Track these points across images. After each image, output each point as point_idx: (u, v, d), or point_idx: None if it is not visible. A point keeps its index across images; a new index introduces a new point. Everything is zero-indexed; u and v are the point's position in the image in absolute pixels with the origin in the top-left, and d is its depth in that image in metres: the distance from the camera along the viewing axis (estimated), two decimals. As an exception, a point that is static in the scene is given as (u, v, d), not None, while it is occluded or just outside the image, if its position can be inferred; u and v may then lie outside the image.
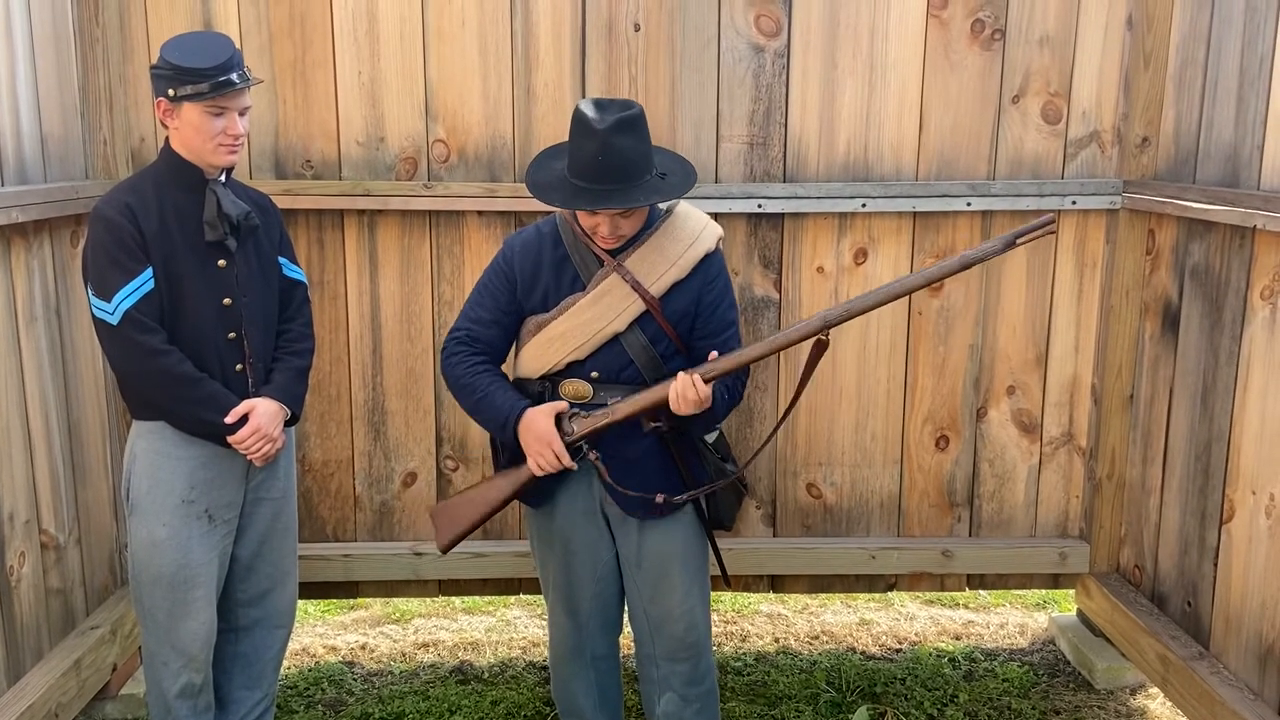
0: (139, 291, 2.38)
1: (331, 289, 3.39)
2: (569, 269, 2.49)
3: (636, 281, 2.42)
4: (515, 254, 2.53)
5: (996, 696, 3.39)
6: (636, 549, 2.56)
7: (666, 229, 2.48)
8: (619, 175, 2.31)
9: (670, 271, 2.44)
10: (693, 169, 2.50)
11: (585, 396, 2.47)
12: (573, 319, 2.44)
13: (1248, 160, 2.82)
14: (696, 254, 2.47)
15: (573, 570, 2.61)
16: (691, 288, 2.47)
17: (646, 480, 2.50)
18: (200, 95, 2.36)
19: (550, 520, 2.60)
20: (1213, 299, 2.99)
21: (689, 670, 2.62)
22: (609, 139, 2.29)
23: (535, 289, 2.50)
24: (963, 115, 3.36)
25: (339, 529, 3.54)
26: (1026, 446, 3.57)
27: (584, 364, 2.47)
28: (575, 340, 2.44)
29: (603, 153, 2.29)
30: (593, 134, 2.30)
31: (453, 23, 3.27)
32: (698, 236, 2.49)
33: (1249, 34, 2.83)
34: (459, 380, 2.51)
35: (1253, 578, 2.80)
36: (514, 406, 2.44)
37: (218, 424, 2.47)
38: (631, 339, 2.45)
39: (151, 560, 2.50)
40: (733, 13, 3.27)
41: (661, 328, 2.46)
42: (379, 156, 3.32)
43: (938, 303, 3.46)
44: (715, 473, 2.58)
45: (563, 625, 2.68)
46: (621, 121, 2.30)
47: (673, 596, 2.56)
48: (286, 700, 3.33)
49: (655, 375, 2.46)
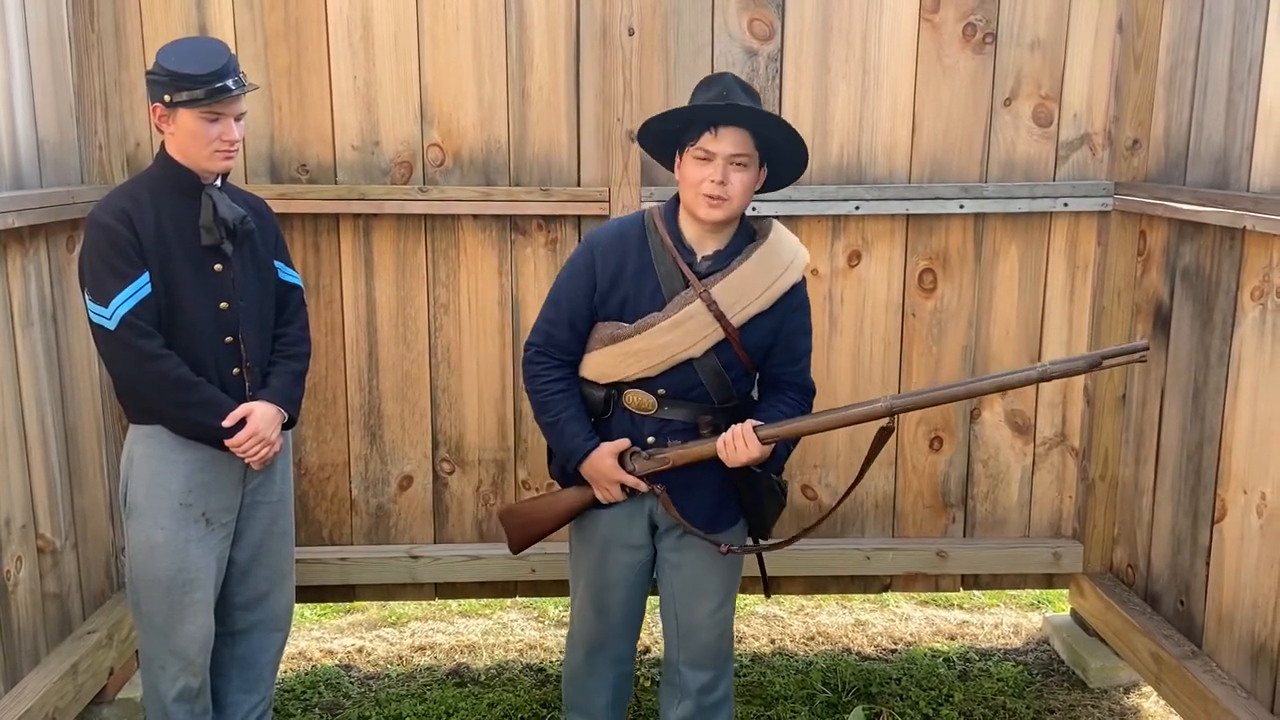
0: (136, 296, 2.39)
1: (327, 293, 3.40)
2: (651, 279, 2.43)
3: (720, 312, 2.38)
4: (598, 253, 2.46)
5: (991, 696, 3.40)
6: (678, 552, 2.57)
7: (759, 258, 2.42)
8: (747, 99, 2.35)
9: (755, 303, 2.40)
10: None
11: (649, 409, 2.47)
12: (649, 340, 2.40)
13: (1237, 162, 2.84)
14: (784, 286, 2.42)
15: (609, 570, 2.61)
16: (774, 318, 2.44)
17: (705, 499, 2.51)
18: (196, 101, 2.37)
19: (596, 519, 2.59)
20: (1203, 300, 3.01)
21: (709, 679, 2.62)
22: (732, 79, 2.38)
23: (614, 294, 2.44)
24: (955, 118, 3.38)
25: (335, 532, 3.54)
26: (1020, 447, 3.59)
27: (653, 380, 2.45)
28: (649, 360, 2.41)
29: (729, 85, 2.36)
30: (717, 78, 2.39)
31: (447, 27, 3.28)
32: (787, 268, 2.43)
33: (1238, 37, 2.85)
34: (535, 395, 2.53)
35: (1244, 576, 2.81)
36: (582, 445, 2.46)
37: (215, 428, 2.48)
38: (705, 363, 2.42)
39: (149, 564, 2.50)
40: (726, 17, 3.29)
41: (737, 355, 2.44)
42: (374, 160, 3.33)
43: (931, 304, 3.48)
44: (768, 491, 2.53)
45: (590, 621, 2.68)
46: (742, 81, 2.40)
47: (707, 604, 2.57)
48: (284, 704, 3.33)
49: (723, 396, 2.47)
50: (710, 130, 2.31)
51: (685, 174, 2.37)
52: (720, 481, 2.51)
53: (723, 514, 2.55)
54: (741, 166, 2.33)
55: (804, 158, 2.43)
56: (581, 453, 2.47)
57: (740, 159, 2.32)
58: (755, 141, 2.35)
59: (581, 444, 2.47)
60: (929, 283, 3.47)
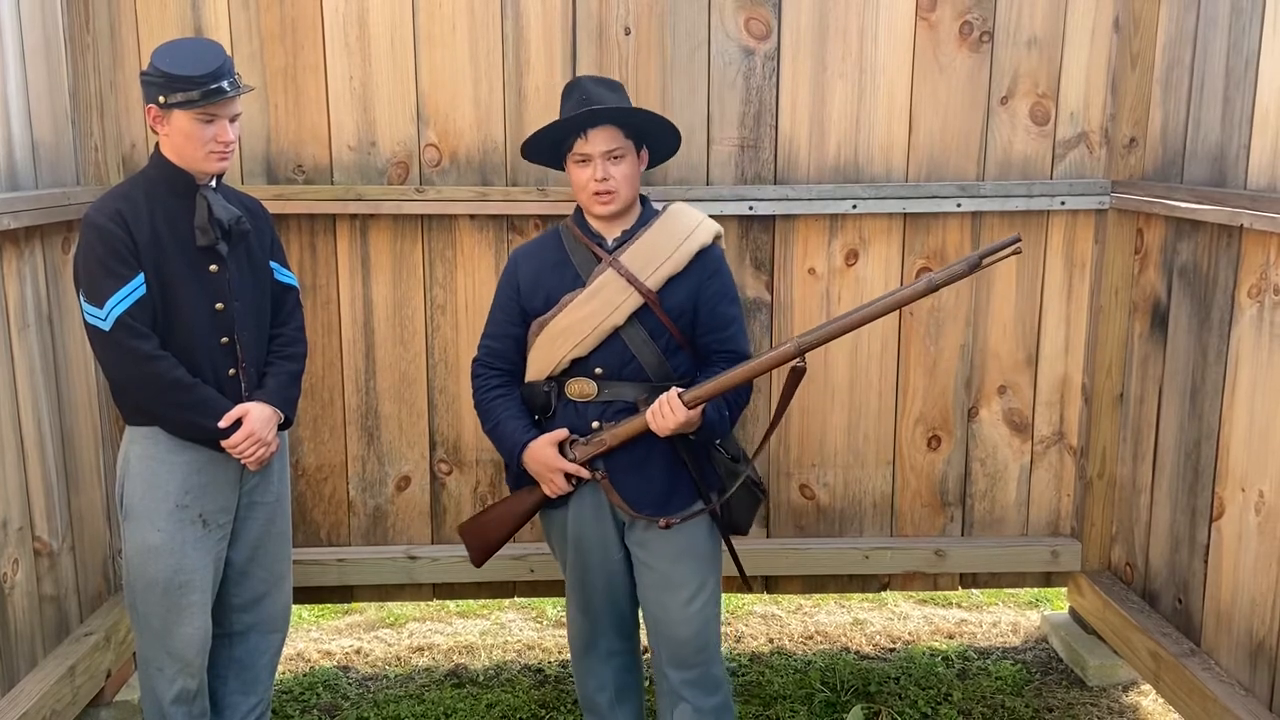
0: (131, 297, 2.39)
1: (324, 294, 3.39)
2: (569, 269, 2.55)
3: (631, 275, 2.47)
4: (519, 262, 2.62)
5: (990, 695, 3.41)
6: (644, 548, 2.57)
7: (661, 224, 2.54)
8: (604, 98, 2.47)
9: (665, 265, 2.49)
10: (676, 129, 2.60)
11: (591, 395, 2.51)
12: (571, 314, 2.49)
13: (1234, 160, 2.84)
14: (692, 247, 2.52)
15: (584, 568, 2.63)
16: (689, 281, 2.52)
17: (653, 480, 2.53)
18: (191, 103, 2.36)
19: (562, 519, 2.63)
20: (1201, 298, 3.01)
21: (698, 679, 2.60)
22: (588, 81, 2.51)
23: (537, 292, 2.56)
24: (952, 117, 3.38)
25: (333, 533, 3.54)
26: (1018, 446, 3.59)
27: (587, 360, 2.50)
28: (575, 336, 2.48)
29: (587, 90, 2.48)
30: (576, 82, 2.53)
31: (443, 27, 3.27)
32: (693, 230, 2.54)
33: (1234, 35, 2.85)
34: (478, 405, 2.64)
35: (1243, 574, 2.81)
36: (519, 439, 2.53)
37: (211, 429, 2.47)
38: (632, 333, 2.48)
39: (146, 565, 2.50)
40: (722, 16, 3.29)
41: (661, 321, 2.49)
42: (370, 161, 3.33)
43: (929, 303, 3.47)
44: (726, 474, 2.57)
45: (577, 621, 2.72)
46: (600, 78, 2.54)
47: (677, 598, 2.55)
48: (281, 705, 3.33)
49: (660, 371, 2.51)
50: (581, 135, 2.46)
51: (573, 179, 2.52)
52: (667, 461, 2.53)
53: (674, 495, 2.55)
54: (618, 159, 2.47)
55: (673, 131, 2.57)
56: (520, 445, 2.53)
57: (615, 153, 2.46)
58: (625, 132, 2.48)
59: (520, 438, 2.53)
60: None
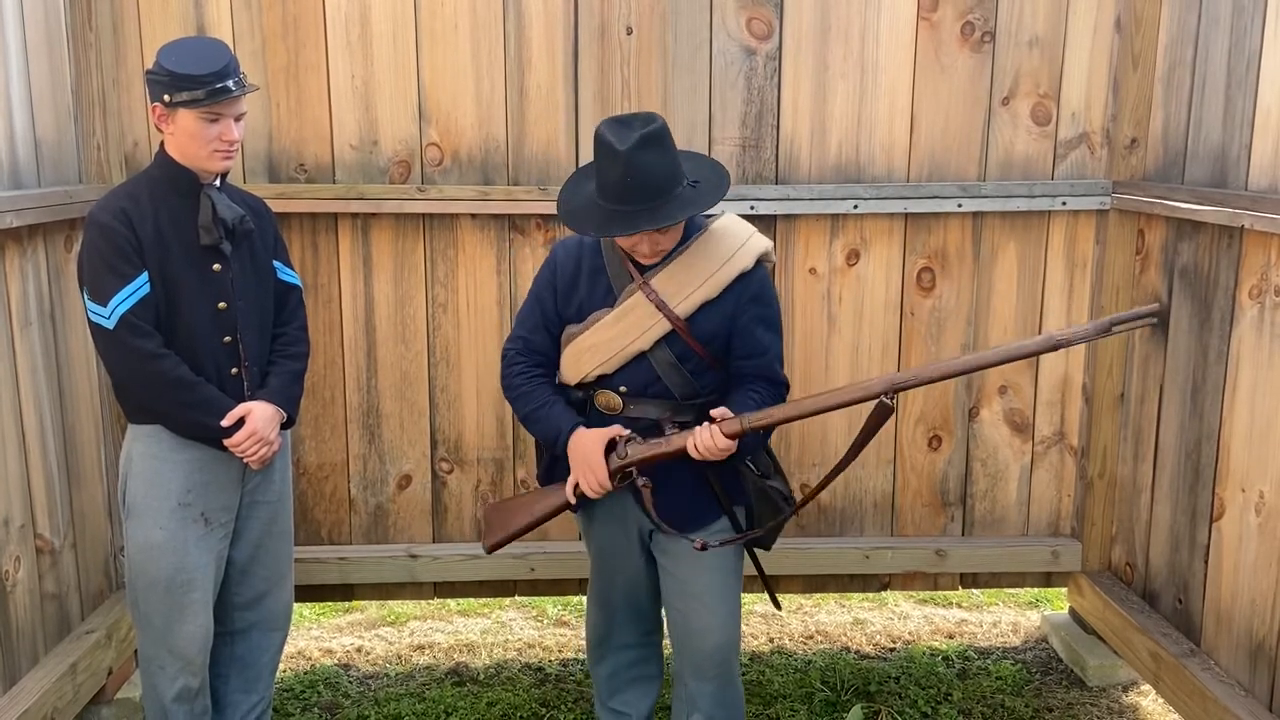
0: (135, 296, 2.39)
1: (326, 292, 3.39)
2: (603, 280, 2.47)
3: (661, 301, 2.38)
4: (558, 260, 2.54)
5: (990, 694, 3.41)
6: (667, 555, 2.57)
7: (701, 244, 2.42)
8: (648, 194, 2.26)
9: (699, 291, 2.39)
10: (725, 172, 2.43)
11: (616, 409, 2.48)
12: (598, 334, 2.43)
13: (1235, 160, 2.85)
14: (730, 273, 2.40)
15: (606, 572, 2.67)
16: (724, 307, 2.41)
17: (680, 494, 2.49)
18: (196, 102, 2.37)
19: (589, 523, 2.66)
20: (1201, 298, 3.01)
21: (716, 691, 2.59)
22: (633, 158, 2.24)
23: (572, 297, 2.50)
24: (953, 117, 3.38)
25: (334, 532, 3.54)
26: (1018, 446, 3.59)
27: (612, 378, 2.47)
28: (601, 355, 2.43)
29: (629, 174, 2.25)
30: (616, 156, 2.25)
31: (445, 26, 3.28)
32: (733, 254, 2.41)
33: (1236, 35, 2.86)
34: (519, 388, 2.53)
35: (1243, 575, 2.82)
36: (565, 423, 2.46)
37: (214, 427, 2.48)
38: (659, 356, 2.42)
39: (148, 564, 2.51)
40: (724, 16, 3.29)
41: (690, 347, 2.42)
42: (372, 160, 3.33)
43: (930, 303, 3.48)
44: (755, 491, 2.51)
45: (593, 615, 2.77)
46: (644, 138, 2.25)
47: (701, 609, 2.54)
48: (283, 703, 3.33)
49: (686, 391, 2.45)
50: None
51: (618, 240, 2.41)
52: (693, 475, 2.49)
53: (700, 508, 2.53)
54: (662, 233, 2.33)
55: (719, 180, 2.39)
56: (567, 430, 2.44)
57: (659, 230, 2.31)
58: None
59: (567, 422, 2.46)
60: (927, 281, 3.47)
